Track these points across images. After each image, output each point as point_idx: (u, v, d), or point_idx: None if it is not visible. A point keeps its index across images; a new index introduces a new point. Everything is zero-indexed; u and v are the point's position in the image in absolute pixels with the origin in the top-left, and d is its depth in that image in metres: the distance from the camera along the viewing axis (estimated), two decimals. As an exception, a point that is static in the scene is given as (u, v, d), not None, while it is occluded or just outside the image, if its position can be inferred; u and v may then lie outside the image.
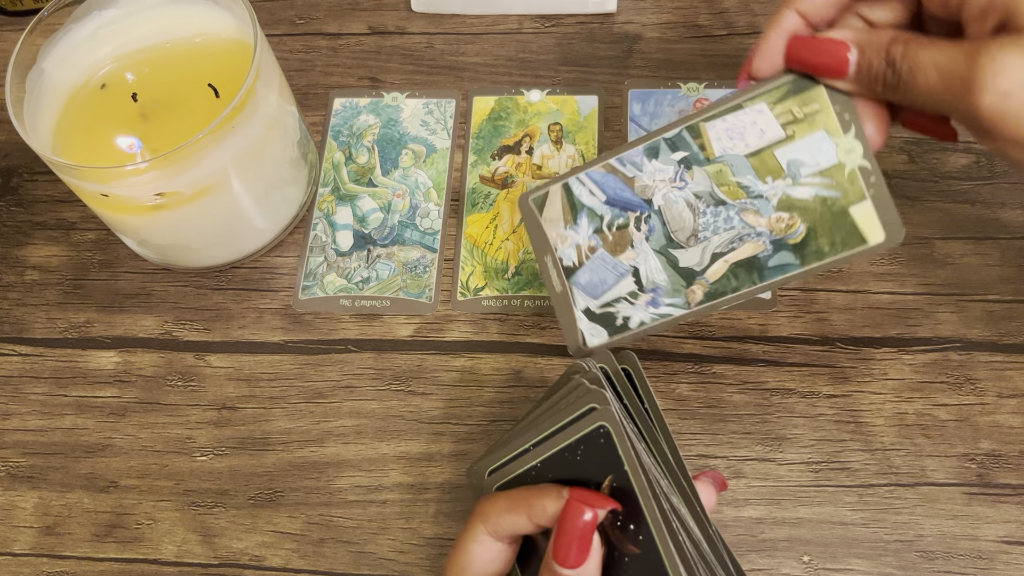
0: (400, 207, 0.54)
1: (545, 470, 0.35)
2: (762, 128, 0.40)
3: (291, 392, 0.49)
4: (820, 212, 0.38)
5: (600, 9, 0.58)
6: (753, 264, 0.40)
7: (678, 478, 0.35)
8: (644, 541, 0.32)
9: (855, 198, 0.38)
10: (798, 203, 0.39)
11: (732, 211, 0.40)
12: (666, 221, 0.41)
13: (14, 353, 0.51)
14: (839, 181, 0.38)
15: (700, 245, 0.41)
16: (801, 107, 0.39)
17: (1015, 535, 0.43)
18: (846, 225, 0.38)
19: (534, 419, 0.37)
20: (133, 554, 0.46)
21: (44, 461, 0.48)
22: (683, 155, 0.41)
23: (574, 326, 0.43)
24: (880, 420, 0.45)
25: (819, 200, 0.38)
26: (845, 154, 0.38)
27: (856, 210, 0.38)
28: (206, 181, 0.45)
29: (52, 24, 0.48)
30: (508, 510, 0.34)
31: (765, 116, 0.39)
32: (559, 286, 0.43)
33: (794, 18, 0.38)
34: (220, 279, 0.52)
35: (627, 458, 0.33)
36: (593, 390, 0.34)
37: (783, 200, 0.39)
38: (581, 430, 0.34)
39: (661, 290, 0.41)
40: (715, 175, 0.41)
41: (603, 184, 0.43)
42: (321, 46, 0.60)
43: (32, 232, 0.55)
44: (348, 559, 0.45)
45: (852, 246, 0.38)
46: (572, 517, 0.32)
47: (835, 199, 0.38)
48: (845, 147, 0.38)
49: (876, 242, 0.37)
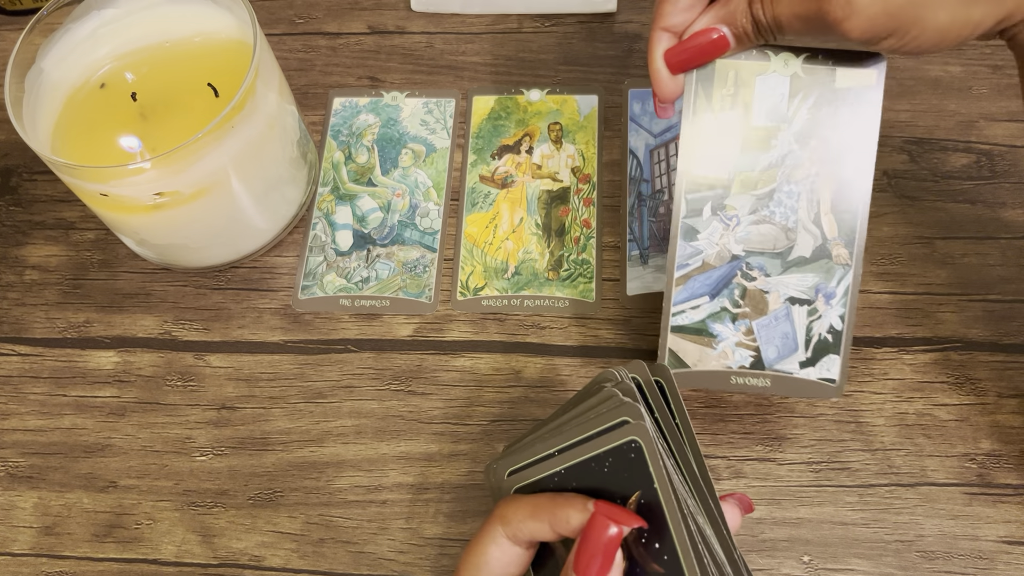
0: (400, 207, 0.54)
1: (569, 477, 0.35)
2: (726, 127, 0.41)
3: (291, 392, 0.49)
4: (824, 89, 0.41)
5: (600, 8, 0.58)
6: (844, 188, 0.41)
7: (705, 498, 0.34)
8: (668, 561, 0.32)
9: (832, 69, 0.41)
10: (808, 125, 0.41)
11: (783, 188, 0.41)
12: (762, 251, 0.42)
13: (13, 353, 0.51)
14: (810, 80, 0.41)
15: (798, 229, 0.41)
16: (722, 87, 0.41)
17: (1015, 535, 0.43)
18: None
19: (560, 424, 0.36)
20: (133, 554, 0.46)
21: (43, 461, 0.48)
22: (709, 204, 0.42)
23: (809, 385, 0.42)
24: (880, 420, 0.45)
25: (817, 95, 0.41)
26: (784, 67, 0.41)
27: (841, 71, 0.41)
28: (206, 181, 0.45)
29: (51, 23, 0.48)
30: (530, 516, 0.34)
31: (717, 120, 0.41)
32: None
33: (666, 36, 0.41)
34: (220, 279, 0.52)
35: (658, 477, 0.32)
36: (627, 403, 0.33)
37: (800, 135, 0.41)
38: (611, 442, 0.33)
39: (821, 288, 0.42)
40: (742, 185, 0.41)
41: (694, 293, 0.42)
42: (321, 45, 0.60)
43: (31, 232, 0.55)
44: (348, 559, 0.45)
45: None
46: (597, 531, 0.32)
47: (824, 80, 0.41)
48: (781, 63, 0.41)
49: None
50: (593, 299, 0.50)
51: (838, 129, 0.41)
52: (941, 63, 0.55)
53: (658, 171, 0.53)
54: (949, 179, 0.51)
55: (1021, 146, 0.52)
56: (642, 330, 0.49)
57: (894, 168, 0.52)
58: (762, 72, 0.41)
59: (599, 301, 0.50)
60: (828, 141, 0.41)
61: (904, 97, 0.54)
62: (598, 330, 0.49)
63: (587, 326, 0.49)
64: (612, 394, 0.34)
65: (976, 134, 0.53)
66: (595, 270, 0.51)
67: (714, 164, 0.42)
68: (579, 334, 0.49)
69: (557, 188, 0.53)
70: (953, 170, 0.52)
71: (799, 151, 0.41)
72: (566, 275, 0.51)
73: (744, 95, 0.41)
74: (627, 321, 0.49)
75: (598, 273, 0.50)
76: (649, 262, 0.50)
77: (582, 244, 0.51)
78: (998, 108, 0.53)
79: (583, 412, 0.36)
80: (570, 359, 0.48)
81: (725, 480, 0.45)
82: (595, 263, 0.51)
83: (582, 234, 0.52)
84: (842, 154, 0.41)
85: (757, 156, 0.41)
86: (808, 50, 0.41)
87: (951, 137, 0.53)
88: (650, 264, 0.50)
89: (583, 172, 0.53)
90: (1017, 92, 0.54)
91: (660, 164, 0.53)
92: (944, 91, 0.54)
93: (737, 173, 0.41)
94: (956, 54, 0.55)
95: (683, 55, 0.41)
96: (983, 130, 0.53)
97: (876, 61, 0.40)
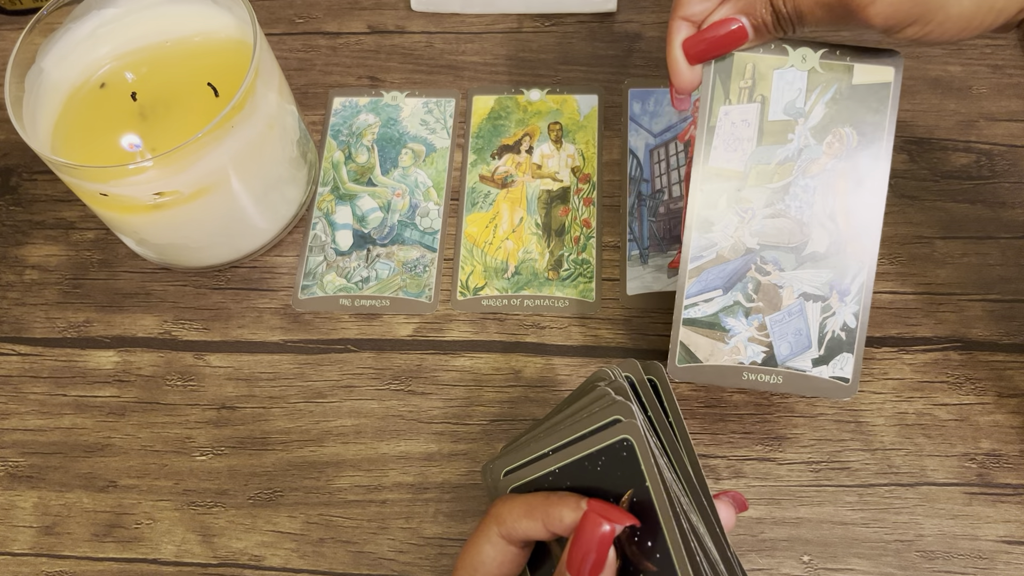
0: (400, 206, 0.54)
1: (563, 477, 0.35)
2: (743, 120, 0.41)
3: (290, 392, 0.49)
4: (841, 84, 0.41)
5: (600, 8, 0.58)
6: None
7: (698, 496, 0.34)
8: (661, 559, 0.32)
9: (849, 65, 0.41)
10: (824, 120, 0.41)
11: (799, 182, 0.41)
12: (777, 245, 0.42)
13: (13, 353, 0.51)
14: (828, 76, 0.41)
15: (813, 224, 0.41)
16: (740, 80, 0.41)
17: (1015, 535, 0.43)
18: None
19: (555, 424, 0.37)
20: (132, 554, 0.46)
21: (43, 461, 0.48)
22: (725, 195, 0.42)
23: (822, 383, 0.42)
24: (880, 420, 0.45)
25: (835, 91, 0.41)
26: (802, 61, 0.41)
27: (858, 67, 0.41)
28: (205, 180, 0.45)
29: (51, 23, 0.48)
30: (524, 516, 0.34)
31: (734, 112, 0.41)
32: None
33: (685, 25, 0.41)
34: (219, 279, 0.52)
35: (650, 475, 0.32)
36: (619, 401, 0.34)
37: (817, 130, 0.41)
38: (603, 441, 0.33)
39: (835, 284, 0.41)
40: (758, 177, 0.41)
41: (708, 286, 0.42)
42: (320, 45, 0.60)
43: (31, 232, 0.55)
44: (348, 559, 0.45)
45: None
46: (589, 530, 0.32)
47: (841, 76, 0.41)
48: (799, 57, 0.41)
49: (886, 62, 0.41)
50: (593, 299, 0.50)
51: (855, 124, 0.41)
52: (941, 63, 0.55)
53: (658, 171, 0.53)
54: (949, 179, 0.51)
55: (1021, 146, 0.52)
56: (642, 330, 0.49)
57: (894, 168, 0.52)
58: (780, 66, 0.41)
59: (599, 301, 0.50)
60: (844, 137, 0.41)
61: (904, 97, 0.54)
62: (598, 330, 0.49)
63: (587, 326, 0.49)
64: (604, 393, 0.34)
65: (976, 134, 0.53)
66: (595, 270, 0.51)
67: (731, 156, 0.42)
68: (579, 334, 0.49)
69: (557, 188, 0.53)
70: (953, 170, 0.52)
71: (815, 146, 0.41)
72: (566, 275, 0.51)
73: (762, 88, 0.41)
74: (627, 321, 0.49)
75: (598, 273, 0.50)
76: (649, 262, 0.50)
77: (582, 244, 0.51)
78: (998, 108, 0.53)
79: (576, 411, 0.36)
80: (570, 359, 0.48)
81: (725, 480, 0.45)
82: (595, 263, 0.51)
83: (582, 234, 0.52)
84: (858, 150, 0.41)
85: (774, 149, 0.41)
86: (827, 45, 0.41)
87: (951, 137, 0.53)
88: (650, 264, 0.50)
89: (583, 172, 0.53)
90: (1017, 92, 0.54)
91: (660, 164, 0.53)
92: (944, 91, 0.54)
93: (753, 165, 0.41)
94: (956, 53, 0.55)
95: (701, 45, 0.41)
96: (983, 130, 0.53)
97: (893, 57, 0.41)
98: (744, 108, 0.41)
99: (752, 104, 0.41)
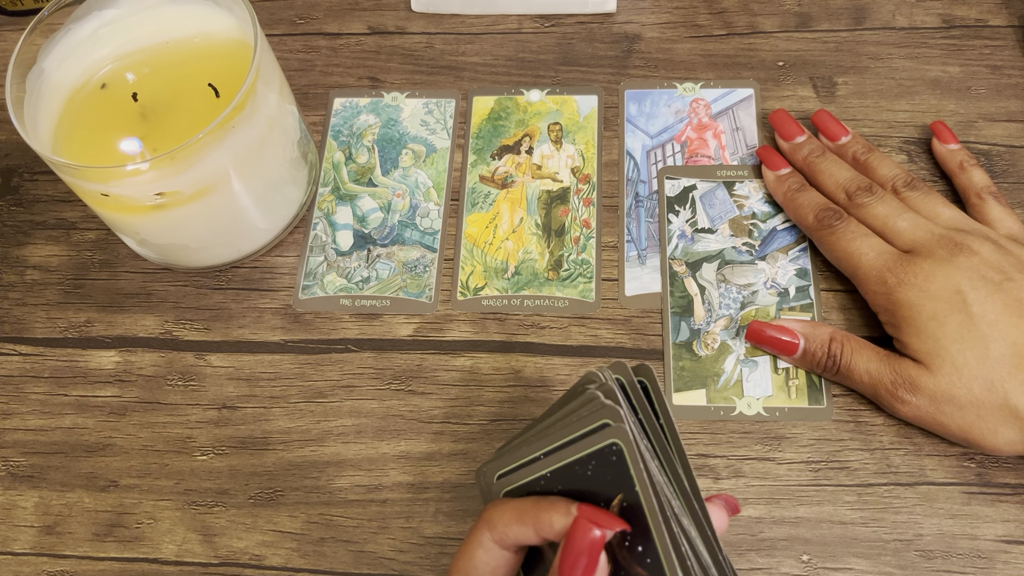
0: (400, 207, 0.54)
1: (555, 481, 0.35)
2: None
3: (291, 392, 0.49)
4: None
5: (600, 9, 0.59)
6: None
7: (690, 499, 0.34)
8: (652, 564, 0.31)
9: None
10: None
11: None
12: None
13: (14, 353, 0.51)
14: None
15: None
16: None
17: (1014, 534, 0.43)
18: None
19: (546, 427, 0.36)
20: (133, 553, 0.46)
21: (44, 460, 0.48)
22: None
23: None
24: (879, 419, 0.46)
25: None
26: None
27: None
28: (206, 181, 0.45)
29: (52, 24, 0.48)
30: (515, 521, 0.34)
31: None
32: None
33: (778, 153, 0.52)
34: (220, 279, 0.53)
35: (639, 479, 0.32)
36: (607, 406, 0.33)
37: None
38: (593, 445, 0.33)
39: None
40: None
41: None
42: (321, 46, 0.60)
43: (32, 232, 0.55)
44: (348, 558, 0.45)
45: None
46: (580, 535, 0.31)
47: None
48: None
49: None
50: (593, 299, 0.50)
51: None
52: (940, 63, 0.55)
53: (655, 172, 0.53)
54: (949, 179, 0.51)
55: (1020, 146, 0.52)
56: (641, 330, 0.49)
57: (893, 168, 0.52)
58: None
59: (599, 301, 0.50)
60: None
61: (903, 97, 0.54)
62: (598, 330, 0.49)
63: (587, 326, 0.49)
64: (593, 396, 0.34)
65: (975, 134, 0.53)
66: (595, 270, 0.51)
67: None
68: (579, 334, 0.49)
69: (557, 188, 0.53)
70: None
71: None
72: (566, 275, 0.51)
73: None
74: (627, 321, 0.49)
75: (598, 273, 0.51)
76: (647, 263, 0.50)
77: (582, 244, 0.51)
78: (997, 108, 0.53)
79: (566, 415, 0.35)
80: (570, 359, 0.48)
81: (724, 480, 0.45)
82: (595, 263, 0.51)
83: (582, 234, 0.52)
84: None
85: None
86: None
87: (950, 137, 0.53)
88: (647, 265, 0.50)
89: (583, 172, 0.54)
90: (1016, 92, 0.54)
91: (657, 165, 0.53)
92: (943, 91, 0.54)
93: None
94: (955, 54, 0.55)
95: (761, 336, 0.46)
96: (982, 130, 0.53)
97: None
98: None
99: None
